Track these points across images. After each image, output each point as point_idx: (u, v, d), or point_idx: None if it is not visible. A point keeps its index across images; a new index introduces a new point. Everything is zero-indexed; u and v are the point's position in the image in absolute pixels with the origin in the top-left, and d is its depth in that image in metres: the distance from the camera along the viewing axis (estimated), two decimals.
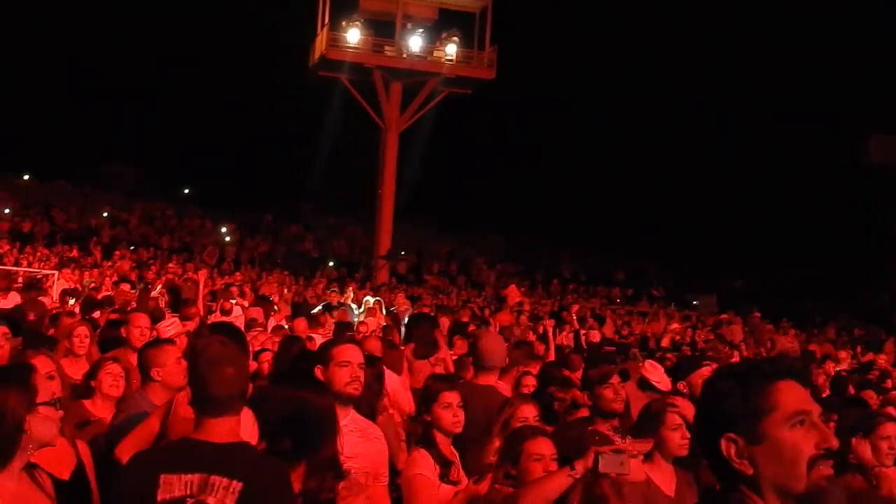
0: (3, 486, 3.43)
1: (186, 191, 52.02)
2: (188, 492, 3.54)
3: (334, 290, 21.66)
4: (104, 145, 49.47)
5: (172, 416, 4.53)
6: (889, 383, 13.70)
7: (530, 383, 8.18)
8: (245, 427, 4.08)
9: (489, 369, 7.20)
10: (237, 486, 3.52)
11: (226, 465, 3.57)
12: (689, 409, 5.53)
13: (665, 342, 21.91)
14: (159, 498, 3.53)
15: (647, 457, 5.19)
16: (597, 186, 47.57)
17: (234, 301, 15.94)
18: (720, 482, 2.42)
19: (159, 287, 20.60)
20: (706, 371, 6.71)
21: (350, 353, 5.16)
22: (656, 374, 7.75)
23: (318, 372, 5.15)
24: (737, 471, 2.34)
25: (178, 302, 15.29)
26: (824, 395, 11.52)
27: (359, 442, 5.06)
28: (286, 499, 3.66)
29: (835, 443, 2.32)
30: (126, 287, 18.20)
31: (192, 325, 10.77)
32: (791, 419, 2.32)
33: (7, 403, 3.42)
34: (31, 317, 9.38)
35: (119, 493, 3.65)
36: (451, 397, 5.66)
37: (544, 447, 4.79)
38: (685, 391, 6.69)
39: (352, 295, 21.95)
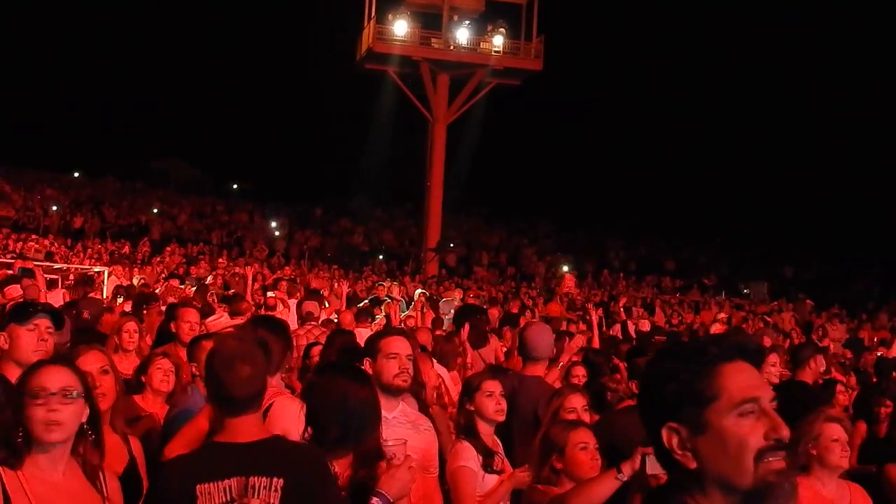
0: (44, 479, 3.43)
1: (235, 186, 52.39)
2: (229, 497, 3.50)
3: (382, 284, 21.66)
4: (153, 141, 49.96)
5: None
6: None
7: (580, 373, 8.12)
8: (291, 417, 4.08)
9: (536, 360, 7.17)
10: (279, 482, 3.49)
11: (263, 464, 3.53)
12: None
13: (714, 331, 21.69)
14: None
15: None
16: (645, 175, 47.30)
17: (272, 294, 15.95)
18: (667, 475, 2.23)
19: (209, 279, 20.76)
20: (773, 357, 6.56)
21: (398, 345, 5.14)
22: None
23: (366, 364, 5.15)
24: (679, 463, 2.15)
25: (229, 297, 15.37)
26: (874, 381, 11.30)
27: (409, 434, 5.04)
28: (330, 486, 3.64)
29: (786, 432, 2.07)
30: (175, 283, 18.33)
31: (242, 321, 10.81)
32: (738, 407, 2.09)
33: None
34: (86, 315, 9.43)
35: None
36: (493, 386, 5.64)
37: (587, 436, 4.79)
38: None
39: (398, 289, 21.95)
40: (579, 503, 4.38)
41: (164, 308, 11.04)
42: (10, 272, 15.60)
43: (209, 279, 21.18)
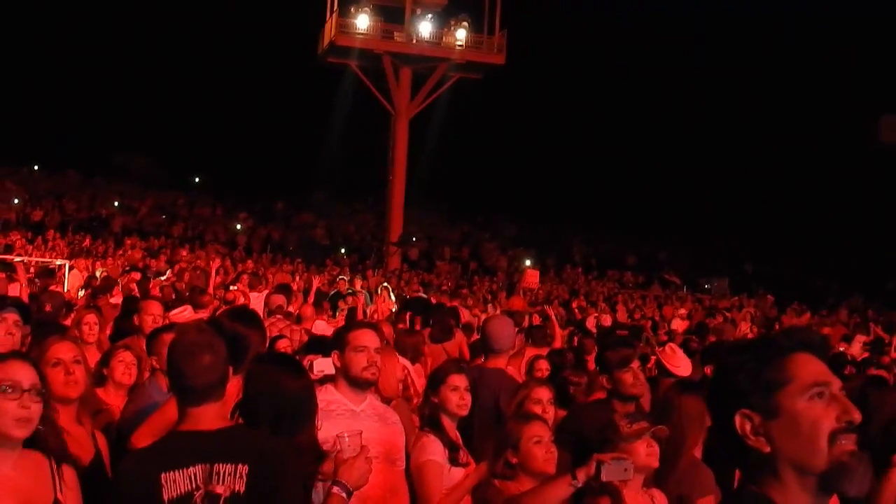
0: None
1: (197, 180, 52.09)
2: (194, 485, 3.50)
3: (343, 278, 21.64)
4: (114, 135, 49.49)
5: None
6: None
7: (543, 367, 8.15)
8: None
9: (497, 352, 7.18)
10: (243, 469, 3.49)
11: (227, 451, 3.53)
12: None
13: (675, 326, 21.83)
14: (165, 498, 3.48)
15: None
16: (608, 171, 47.51)
17: (233, 288, 15.89)
18: (739, 469, 2.30)
19: (168, 273, 20.65)
20: None
21: (366, 338, 5.14)
22: (675, 359, 7.70)
23: (334, 357, 5.15)
24: (753, 449, 2.20)
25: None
26: None
27: (376, 427, 5.05)
28: (295, 472, 3.65)
29: (857, 416, 2.16)
30: (136, 276, 18.21)
31: (205, 314, 10.76)
32: (808, 391, 2.17)
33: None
34: (48, 308, 9.35)
35: (120, 499, 3.56)
36: (459, 380, 5.63)
37: (542, 430, 4.76)
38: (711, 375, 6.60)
39: (360, 282, 21.91)
40: None
41: (117, 300, 10.98)
42: None
43: (167, 273, 21.08)
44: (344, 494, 3.88)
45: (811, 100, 43.60)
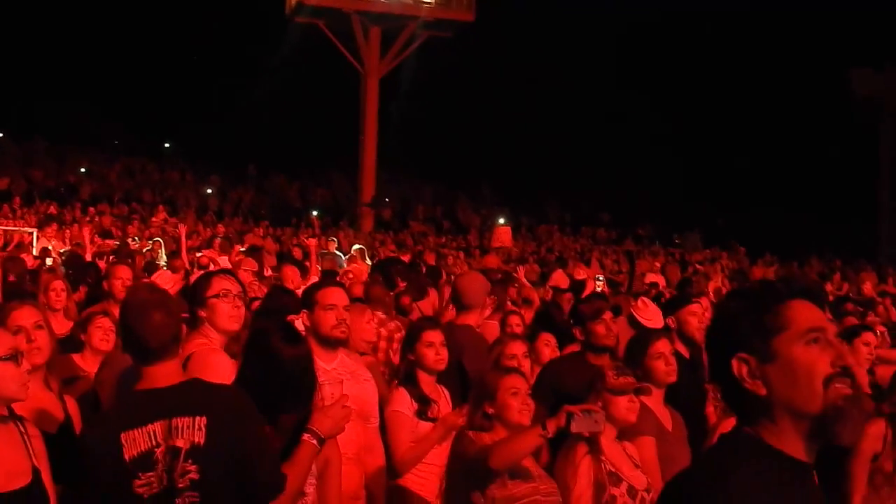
0: None
1: (167, 145, 51.68)
2: (154, 442, 3.51)
3: (314, 237, 21.57)
4: (82, 101, 48.97)
5: None
6: (872, 315, 13.64)
7: (515, 322, 8.15)
8: (224, 374, 4.04)
9: (468, 308, 7.19)
10: (202, 420, 3.51)
11: (184, 405, 3.54)
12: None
13: (649, 280, 21.89)
14: (126, 457, 3.49)
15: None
16: (581, 128, 47.43)
17: (200, 254, 15.81)
18: (735, 412, 2.33)
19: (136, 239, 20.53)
20: (695, 308, 6.72)
21: (335, 296, 5.14)
22: (647, 312, 7.74)
23: (303, 316, 5.14)
24: (749, 392, 2.25)
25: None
26: None
27: (349, 384, 5.06)
28: (254, 421, 3.64)
29: (852, 360, 2.24)
30: (110, 242, 18.11)
31: (178, 277, 10.71)
32: (804, 336, 2.22)
33: None
34: (11, 277, 9.25)
35: (85, 462, 3.58)
36: (434, 336, 5.71)
37: (519, 382, 4.80)
38: (674, 326, 6.66)
39: (337, 243, 21.85)
40: (503, 455, 4.42)
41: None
42: None
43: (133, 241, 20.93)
44: (315, 441, 3.87)
45: (782, 52, 43.62)
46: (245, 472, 3.55)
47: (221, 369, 4.27)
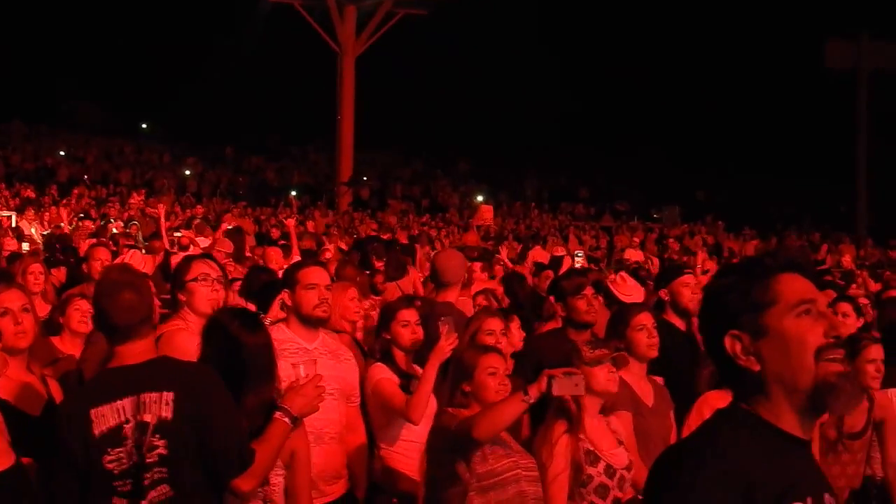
0: None
1: (144, 126, 51.41)
2: (123, 418, 3.54)
3: (292, 217, 21.54)
4: (59, 83, 48.60)
5: None
6: (854, 287, 13.71)
7: (481, 301, 8.12)
8: (191, 353, 4.06)
9: (447, 285, 7.21)
10: (169, 396, 3.54)
11: (152, 381, 3.58)
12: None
13: (628, 256, 21.99)
14: (96, 433, 3.54)
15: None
16: (558, 103, 47.34)
17: (179, 234, 15.78)
18: (730, 389, 2.33)
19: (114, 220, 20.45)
20: (688, 279, 6.69)
21: (317, 276, 5.15)
22: (626, 287, 7.78)
23: (285, 295, 5.15)
24: (743, 369, 2.24)
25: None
26: None
27: (330, 364, 5.07)
28: (221, 397, 3.66)
29: (844, 331, 2.23)
30: (88, 223, 18.03)
31: (152, 258, 10.69)
32: (795, 308, 2.22)
33: None
34: None
35: (60, 438, 3.62)
36: (409, 315, 5.72)
37: (497, 362, 4.77)
38: (667, 299, 6.67)
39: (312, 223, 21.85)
40: (486, 424, 4.39)
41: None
42: None
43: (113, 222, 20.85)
44: (287, 419, 3.88)
45: (758, 23, 43.60)
46: (212, 447, 3.59)
47: (186, 349, 4.29)
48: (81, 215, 20.00)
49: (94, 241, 12.00)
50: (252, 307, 6.17)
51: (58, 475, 3.69)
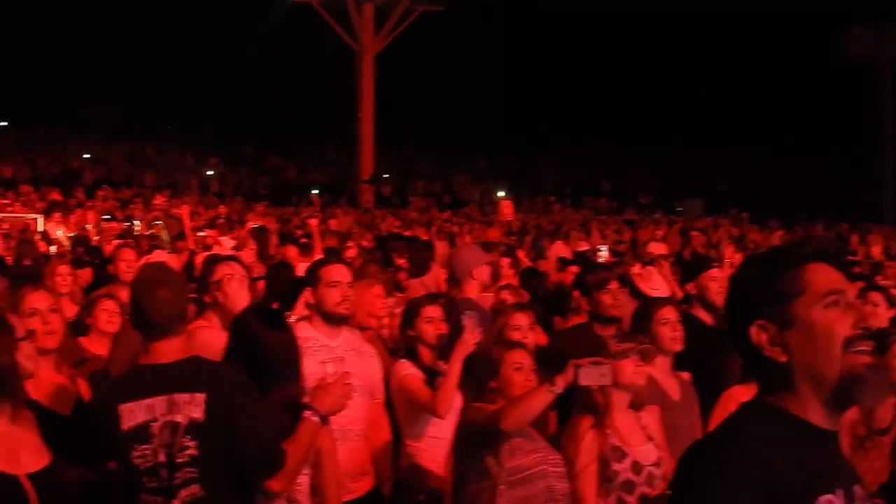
0: None
1: (168, 127, 51.64)
2: (151, 416, 3.57)
3: (314, 216, 21.58)
4: (80, 86, 48.87)
5: None
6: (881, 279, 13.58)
7: (506, 297, 8.11)
8: (216, 351, 4.08)
9: (460, 281, 7.22)
10: (200, 397, 3.56)
11: (184, 381, 3.61)
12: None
13: (651, 249, 21.86)
14: (123, 428, 3.57)
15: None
16: (577, 97, 47.21)
17: (202, 234, 15.85)
18: (756, 381, 2.30)
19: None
20: (715, 272, 6.61)
21: (339, 273, 5.16)
22: (652, 282, 7.74)
23: (307, 293, 5.16)
24: (769, 360, 2.22)
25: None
26: None
27: (354, 361, 5.08)
28: (252, 398, 3.68)
29: (875, 321, 2.20)
30: (114, 225, 18.16)
31: (182, 260, 10.77)
32: (823, 299, 2.18)
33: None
34: (28, 261, 9.30)
35: (87, 430, 3.68)
36: (433, 311, 5.71)
37: (523, 357, 4.77)
38: (694, 293, 6.63)
39: (334, 222, 21.87)
40: (514, 415, 4.38)
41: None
42: None
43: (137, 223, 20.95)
44: (315, 418, 3.89)
45: (780, 13, 43.30)
46: (243, 448, 3.60)
47: (210, 346, 4.30)
48: (107, 217, 20.13)
49: (119, 242, 12.11)
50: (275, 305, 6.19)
51: (85, 465, 3.73)
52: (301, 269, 10.48)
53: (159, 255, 8.42)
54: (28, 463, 3.45)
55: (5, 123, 46.14)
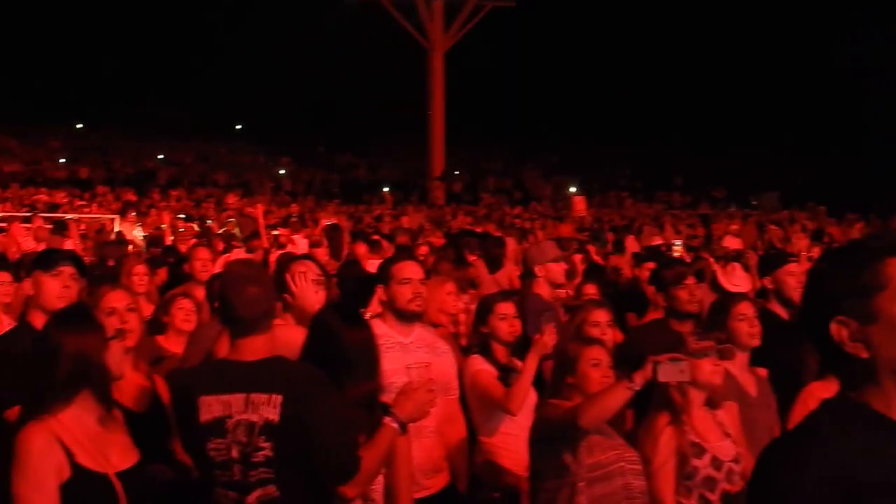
0: (88, 426, 3.46)
1: (239, 127, 52.23)
2: (228, 412, 3.59)
3: (384, 213, 21.70)
4: (153, 87, 49.65)
5: None
6: None
7: (591, 291, 8.10)
8: (295, 349, 4.08)
9: (536, 277, 7.21)
10: (277, 398, 3.55)
11: (263, 381, 3.61)
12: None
13: (726, 244, 21.61)
14: (202, 419, 3.61)
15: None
16: (649, 92, 46.89)
17: (275, 232, 15.99)
18: (837, 377, 2.24)
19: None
20: (792, 267, 6.49)
21: (410, 270, 5.16)
22: (734, 277, 7.65)
23: (380, 291, 5.16)
24: (850, 356, 2.14)
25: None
26: None
27: (427, 358, 5.07)
28: (330, 404, 3.65)
29: None
30: (192, 226, 18.43)
31: (257, 258, 10.87)
32: None
33: (91, 345, 3.46)
34: (111, 262, 9.41)
35: (164, 428, 3.73)
36: (507, 308, 5.70)
37: (601, 354, 4.74)
38: (771, 287, 6.52)
39: (406, 219, 21.98)
40: (592, 411, 4.34)
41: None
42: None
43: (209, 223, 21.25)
44: (395, 425, 3.85)
45: (856, 3, 42.65)
46: (319, 453, 3.58)
47: (287, 343, 4.31)
48: (183, 217, 20.41)
49: (194, 241, 12.25)
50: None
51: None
52: (371, 266, 10.57)
53: (239, 254, 8.48)
54: (118, 461, 3.48)
55: (80, 125, 47.04)
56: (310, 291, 4.80)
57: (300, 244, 14.29)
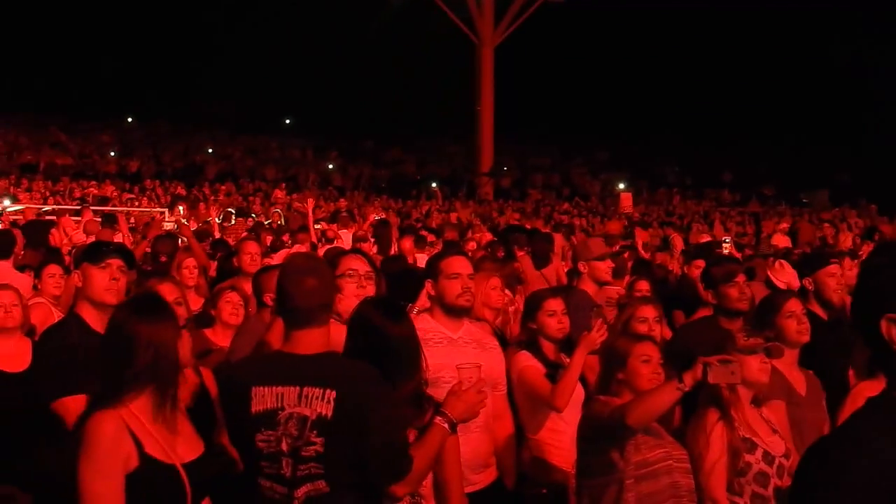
0: (157, 417, 3.47)
1: (287, 121, 52.47)
2: (280, 404, 3.59)
3: (442, 212, 21.72)
4: (202, 82, 50.01)
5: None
6: None
7: (644, 288, 8.05)
8: (336, 343, 4.08)
9: (582, 274, 7.29)
10: (331, 394, 3.54)
11: (317, 376, 3.60)
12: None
13: (775, 241, 21.39)
14: (253, 410, 3.61)
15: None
16: (699, 89, 46.59)
17: (318, 227, 16.03)
18: (885, 372, 2.19)
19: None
20: (834, 268, 6.40)
21: (459, 265, 5.13)
22: (784, 275, 7.58)
23: (428, 285, 5.15)
24: None
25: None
26: None
27: (475, 353, 5.05)
28: (384, 402, 3.64)
29: None
30: (241, 221, 18.55)
31: (304, 250, 10.91)
32: None
33: (166, 336, 3.48)
34: (164, 258, 9.45)
35: (210, 419, 3.75)
36: (555, 304, 5.70)
37: (651, 350, 4.71)
38: (811, 288, 6.44)
39: (455, 215, 21.96)
40: (640, 411, 4.31)
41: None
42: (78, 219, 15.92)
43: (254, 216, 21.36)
44: (446, 425, 3.86)
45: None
46: (370, 452, 3.57)
47: (333, 339, 4.31)
48: (232, 211, 20.54)
49: (243, 235, 12.32)
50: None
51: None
52: (419, 261, 10.56)
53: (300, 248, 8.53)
54: (184, 453, 3.50)
55: (131, 119, 47.50)
56: (351, 287, 4.80)
57: (347, 239, 14.33)
